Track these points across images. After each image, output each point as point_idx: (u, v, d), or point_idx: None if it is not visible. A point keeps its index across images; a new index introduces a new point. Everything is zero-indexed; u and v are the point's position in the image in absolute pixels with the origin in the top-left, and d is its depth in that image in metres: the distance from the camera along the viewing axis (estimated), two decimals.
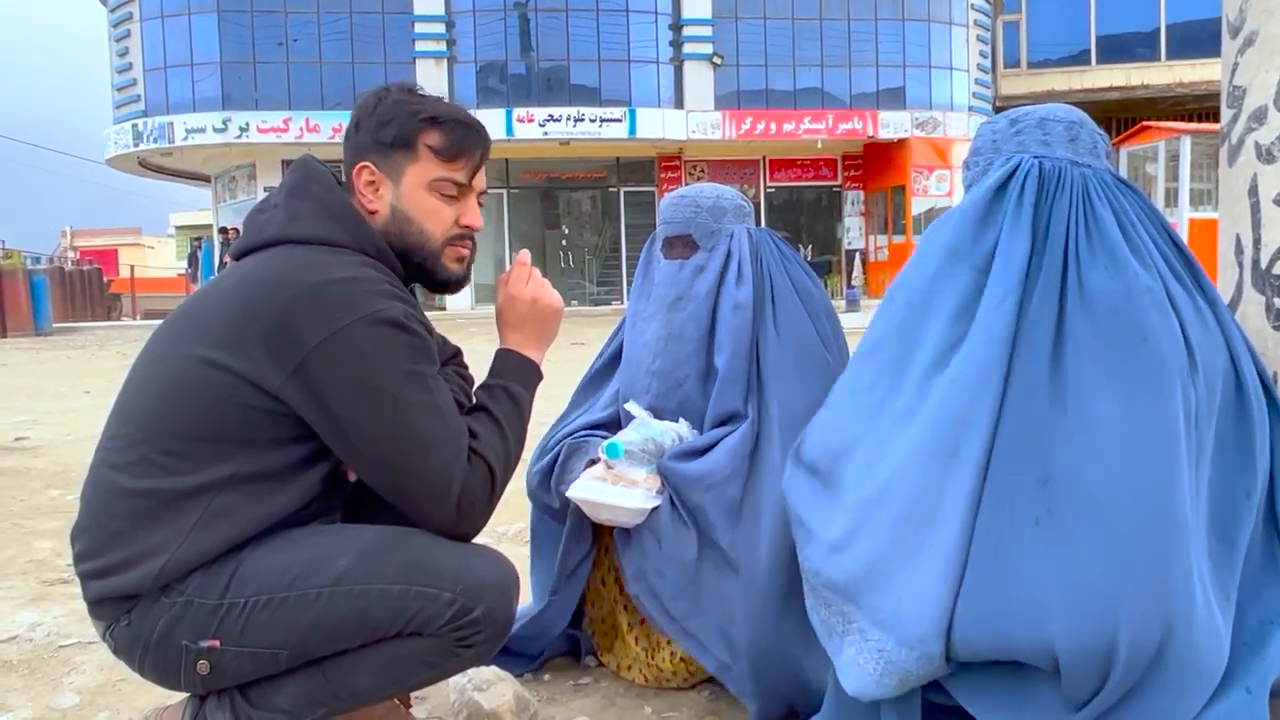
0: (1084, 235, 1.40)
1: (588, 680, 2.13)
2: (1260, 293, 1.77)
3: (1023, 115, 1.53)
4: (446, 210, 1.55)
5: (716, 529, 1.86)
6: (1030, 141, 1.50)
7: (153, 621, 1.40)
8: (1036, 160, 1.47)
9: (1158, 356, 1.31)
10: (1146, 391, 1.30)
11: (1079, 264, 1.38)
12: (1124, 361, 1.31)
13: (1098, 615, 1.24)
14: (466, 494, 1.43)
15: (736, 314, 1.96)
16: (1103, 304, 1.34)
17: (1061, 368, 1.35)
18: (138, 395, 1.47)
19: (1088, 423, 1.31)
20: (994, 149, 1.54)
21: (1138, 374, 1.30)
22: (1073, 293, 1.37)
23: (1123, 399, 1.30)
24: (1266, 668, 1.31)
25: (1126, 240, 1.40)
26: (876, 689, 1.38)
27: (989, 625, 1.31)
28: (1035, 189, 1.44)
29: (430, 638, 1.42)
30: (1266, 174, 1.74)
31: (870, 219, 23.62)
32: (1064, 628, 1.25)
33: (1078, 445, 1.31)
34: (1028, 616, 1.28)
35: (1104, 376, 1.31)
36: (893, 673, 1.36)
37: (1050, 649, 1.26)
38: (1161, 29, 25.16)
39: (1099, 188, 1.45)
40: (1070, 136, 1.50)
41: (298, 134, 20.27)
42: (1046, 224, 1.42)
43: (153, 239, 42.63)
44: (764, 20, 22.20)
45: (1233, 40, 1.85)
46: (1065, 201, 1.43)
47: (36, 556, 3.16)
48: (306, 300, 1.38)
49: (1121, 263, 1.36)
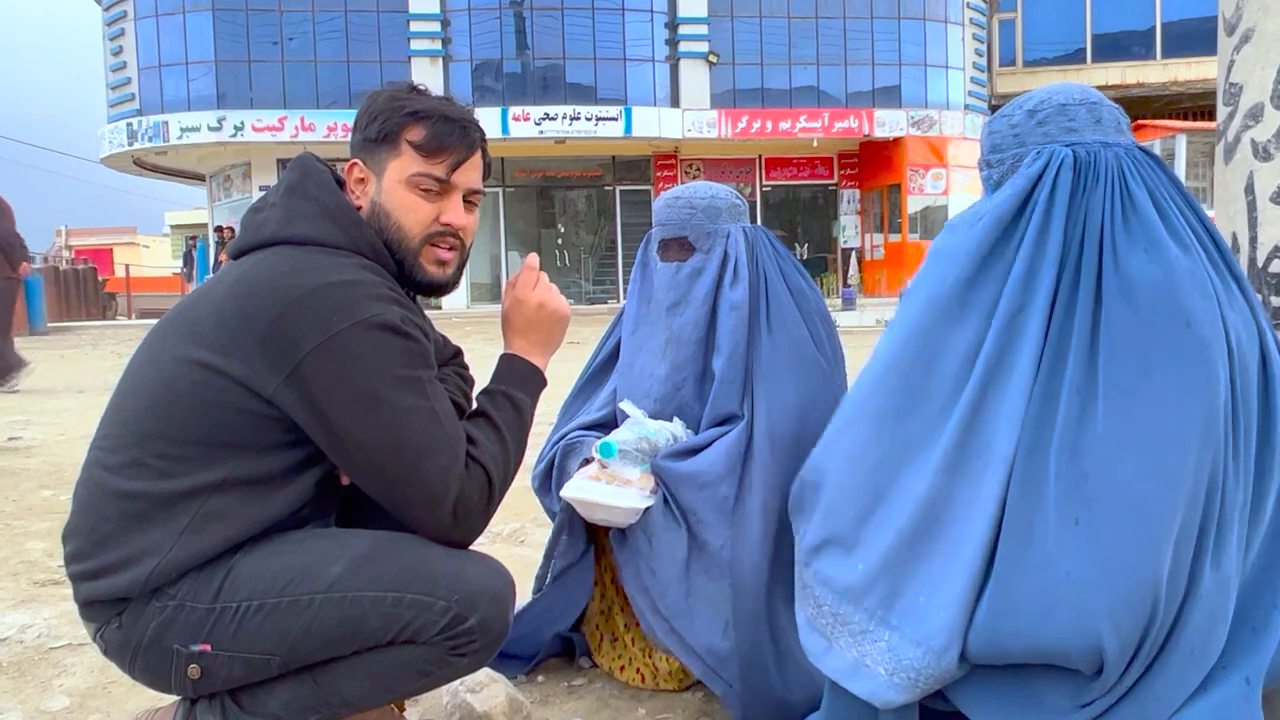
0: (1121, 220, 1.35)
1: (581, 682, 2.12)
2: (1257, 290, 1.76)
3: (1039, 104, 1.46)
4: (425, 207, 1.51)
5: (707, 529, 1.85)
6: (1056, 130, 1.43)
7: (144, 624, 1.38)
8: (1070, 149, 1.41)
9: (1201, 342, 1.26)
10: (1191, 378, 1.25)
11: (1115, 249, 1.33)
12: (1167, 348, 1.27)
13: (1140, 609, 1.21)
14: (463, 501, 1.42)
15: (732, 315, 1.95)
16: (1143, 290, 1.29)
17: (1097, 361, 1.31)
18: (131, 397, 1.45)
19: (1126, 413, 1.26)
20: (1017, 143, 1.46)
21: (1181, 360, 1.26)
22: (1110, 280, 1.32)
23: (1166, 388, 1.25)
24: (1266, 655, 1.29)
25: (1164, 221, 1.34)
26: (889, 691, 1.34)
27: (1027, 626, 1.27)
28: (1070, 180, 1.38)
29: (424, 646, 1.40)
30: (1263, 171, 1.74)
31: (866, 217, 23.62)
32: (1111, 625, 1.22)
33: (1116, 439, 1.26)
34: (1072, 613, 1.24)
35: (1145, 365, 1.27)
36: (903, 672, 1.33)
37: (1098, 647, 1.23)
38: (1157, 27, 25.20)
39: (1132, 166, 1.40)
40: (1094, 118, 1.44)
41: (293, 133, 20.23)
42: (1084, 215, 1.37)
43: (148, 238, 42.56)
44: (760, 19, 22.20)
45: (1229, 38, 1.84)
46: (1101, 188, 1.37)
47: (28, 557, 3.14)
48: (302, 304, 1.36)
49: (1162, 246, 1.31)
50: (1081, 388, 1.30)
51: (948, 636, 1.29)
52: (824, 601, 1.46)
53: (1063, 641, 1.25)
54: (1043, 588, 1.26)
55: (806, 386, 1.90)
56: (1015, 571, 1.28)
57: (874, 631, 1.37)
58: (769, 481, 1.82)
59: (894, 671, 1.34)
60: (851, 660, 1.40)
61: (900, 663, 1.33)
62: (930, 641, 1.30)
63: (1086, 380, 1.31)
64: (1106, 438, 1.27)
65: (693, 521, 1.86)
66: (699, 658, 1.85)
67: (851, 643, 1.41)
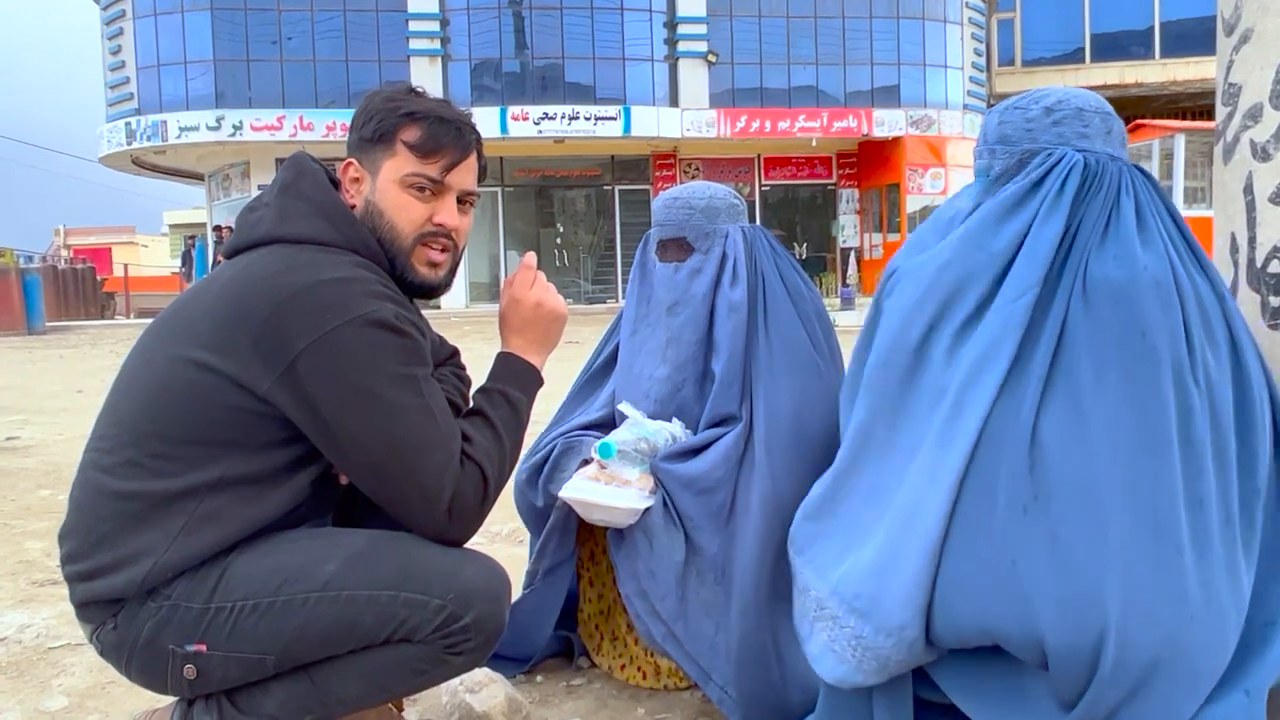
0: (1103, 228, 1.38)
1: (580, 682, 2.12)
2: (1255, 291, 1.76)
3: (1057, 104, 1.46)
4: (418, 207, 1.51)
5: (702, 534, 1.85)
6: (1070, 133, 1.44)
7: (139, 625, 1.38)
8: (1081, 155, 1.42)
9: (1153, 351, 1.29)
10: (1138, 390, 1.28)
11: (1090, 254, 1.36)
12: (1119, 354, 1.29)
13: (1085, 611, 1.22)
14: (458, 499, 1.42)
15: (732, 316, 1.94)
16: (1104, 294, 1.32)
17: (1060, 359, 1.33)
18: (126, 397, 1.45)
19: (1076, 412, 1.29)
20: (1029, 138, 1.46)
21: (1132, 367, 1.29)
22: (1078, 283, 1.35)
23: (1115, 392, 1.28)
24: (1267, 670, 1.29)
25: (1142, 233, 1.37)
26: (858, 675, 1.38)
27: (974, 608, 1.29)
28: (1077, 184, 1.40)
29: (419, 644, 1.40)
30: (1262, 172, 1.73)
31: (865, 217, 23.63)
32: (1052, 619, 1.24)
33: (1065, 437, 1.29)
34: (1015, 601, 1.27)
35: (1100, 367, 1.30)
36: (871, 659, 1.36)
37: (1038, 639, 1.25)
38: (1156, 27, 25.21)
39: (1129, 182, 1.42)
40: (1107, 128, 1.46)
41: (291, 132, 20.21)
42: (1080, 219, 1.39)
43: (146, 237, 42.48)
44: (759, 18, 22.19)
45: (1228, 38, 1.84)
46: (1100, 198, 1.39)
47: (26, 557, 3.14)
48: (296, 302, 1.36)
49: (1131, 255, 1.34)
50: (1042, 383, 1.33)
51: (904, 619, 1.32)
52: (811, 588, 1.48)
53: (1005, 630, 1.28)
54: (988, 575, 1.29)
55: (803, 388, 1.90)
56: (965, 559, 1.31)
57: (842, 618, 1.40)
58: (766, 484, 1.82)
59: (861, 658, 1.37)
60: (823, 644, 1.44)
61: (866, 648, 1.36)
62: (888, 625, 1.34)
63: (1048, 377, 1.33)
64: (1058, 433, 1.30)
65: (689, 526, 1.86)
66: (695, 661, 1.85)
67: (824, 627, 1.44)
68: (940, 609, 1.32)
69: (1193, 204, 11.65)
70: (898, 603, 1.33)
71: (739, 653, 1.79)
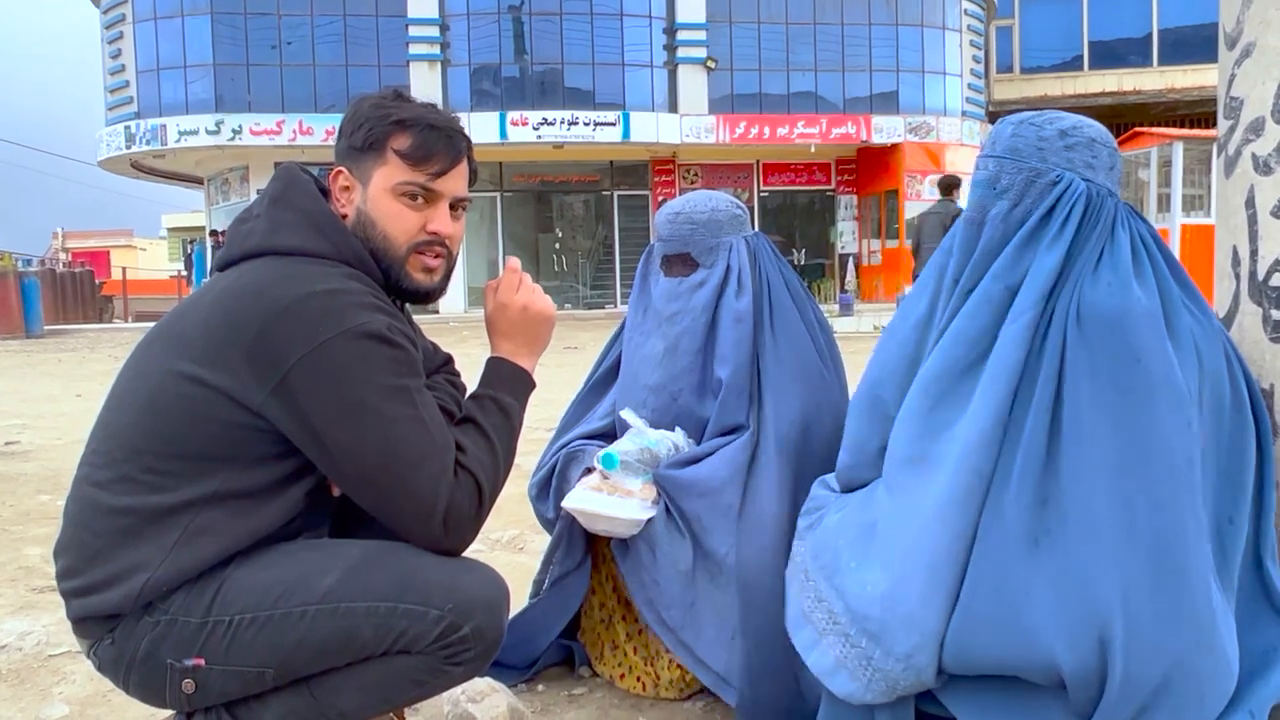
0: (1098, 259, 1.41)
1: (582, 690, 2.11)
2: (1257, 304, 1.76)
3: (1072, 128, 1.48)
4: (411, 216, 1.51)
5: (712, 536, 1.84)
6: (1078, 160, 1.46)
7: (136, 640, 1.37)
8: (1086, 184, 1.45)
9: (1149, 378, 1.30)
10: (1138, 415, 1.30)
11: (1081, 284, 1.39)
12: (1117, 380, 1.31)
13: (1094, 635, 1.24)
14: (453, 509, 1.41)
15: (738, 326, 1.95)
16: (1099, 322, 1.34)
17: (1061, 389, 1.35)
18: (120, 411, 1.45)
19: (1080, 442, 1.31)
20: (1039, 157, 1.47)
21: (1129, 394, 1.30)
22: (1073, 312, 1.37)
23: (1114, 420, 1.30)
24: (1271, 692, 1.31)
25: (1135, 266, 1.40)
26: (867, 694, 1.40)
27: (989, 641, 1.31)
28: (1080, 214, 1.42)
29: (418, 655, 1.40)
30: (1264, 185, 1.74)
31: (863, 223, 23.65)
32: (1066, 646, 1.25)
33: (1074, 465, 1.31)
34: (1029, 633, 1.28)
35: (1098, 395, 1.32)
36: (880, 680, 1.38)
37: (1054, 666, 1.27)
38: (1154, 34, 25.27)
39: (1125, 219, 1.45)
40: (1111, 164, 1.49)
41: (291, 136, 20.22)
42: (1080, 250, 1.41)
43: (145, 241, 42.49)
44: (758, 24, 22.22)
45: (1230, 51, 1.84)
46: (1096, 230, 1.42)
47: (25, 563, 3.13)
48: (288, 314, 1.35)
49: (1125, 284, 1.36)
50: (1046, 415, 1.35)
51: (909, 647, 1.35)
52: (825, 597, 1.48)
53: (1020, 658, 1.30)
54: (1003, 606, 1.31)
55: (810, 394, 1.91)
56: (980, 589, 1.33)
57: (854, 636, 1.42)
58: (777, 489, 1.82)
59: (871, 678, 1.39)
60: (834, 660, 1.45)
61: (876, 669, 1.39)
62: (896, 651, 1.37)
63: (1050, 408, 1.35)
64: (1063, 464, 1.32)
65: (697, 529, 1.86)
66: (707, 668, 1.85)
67: (837, 641, 1.45)
68: (953, 643, 1.34)
69: (1191, 212, 11.67)
70: (904, 630, 1.35)
71: (751, 659, 1.79)
